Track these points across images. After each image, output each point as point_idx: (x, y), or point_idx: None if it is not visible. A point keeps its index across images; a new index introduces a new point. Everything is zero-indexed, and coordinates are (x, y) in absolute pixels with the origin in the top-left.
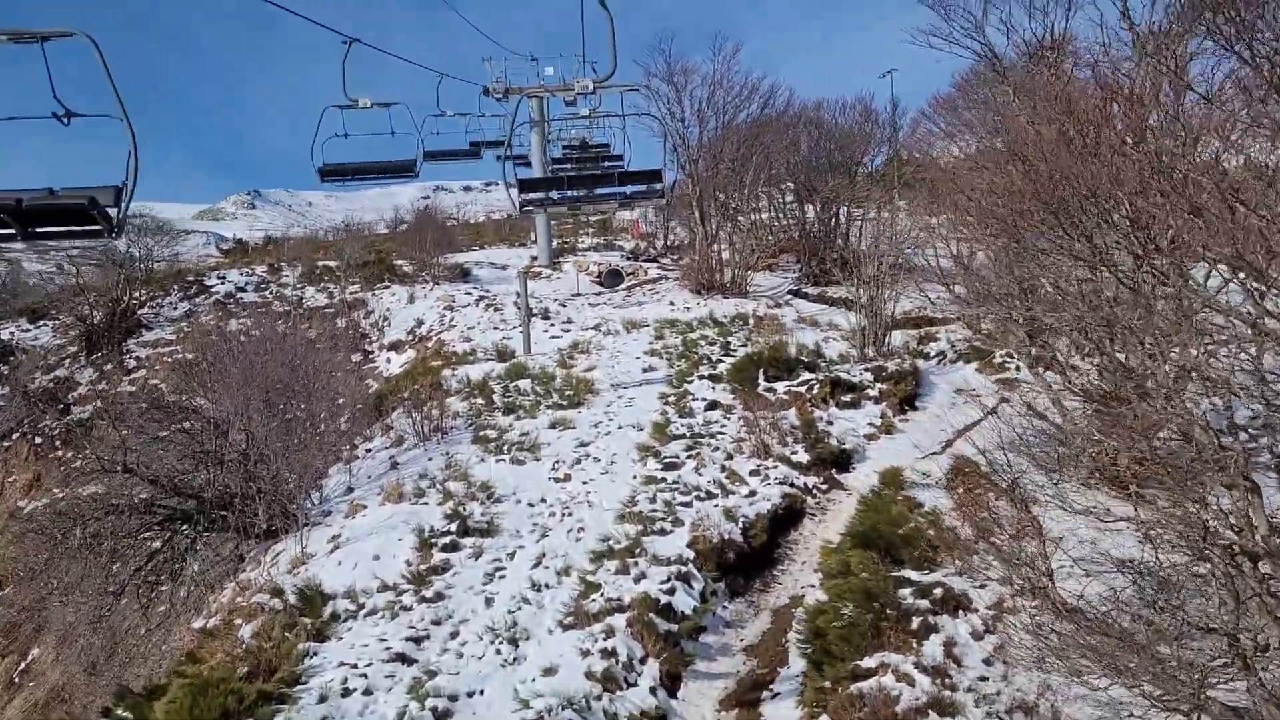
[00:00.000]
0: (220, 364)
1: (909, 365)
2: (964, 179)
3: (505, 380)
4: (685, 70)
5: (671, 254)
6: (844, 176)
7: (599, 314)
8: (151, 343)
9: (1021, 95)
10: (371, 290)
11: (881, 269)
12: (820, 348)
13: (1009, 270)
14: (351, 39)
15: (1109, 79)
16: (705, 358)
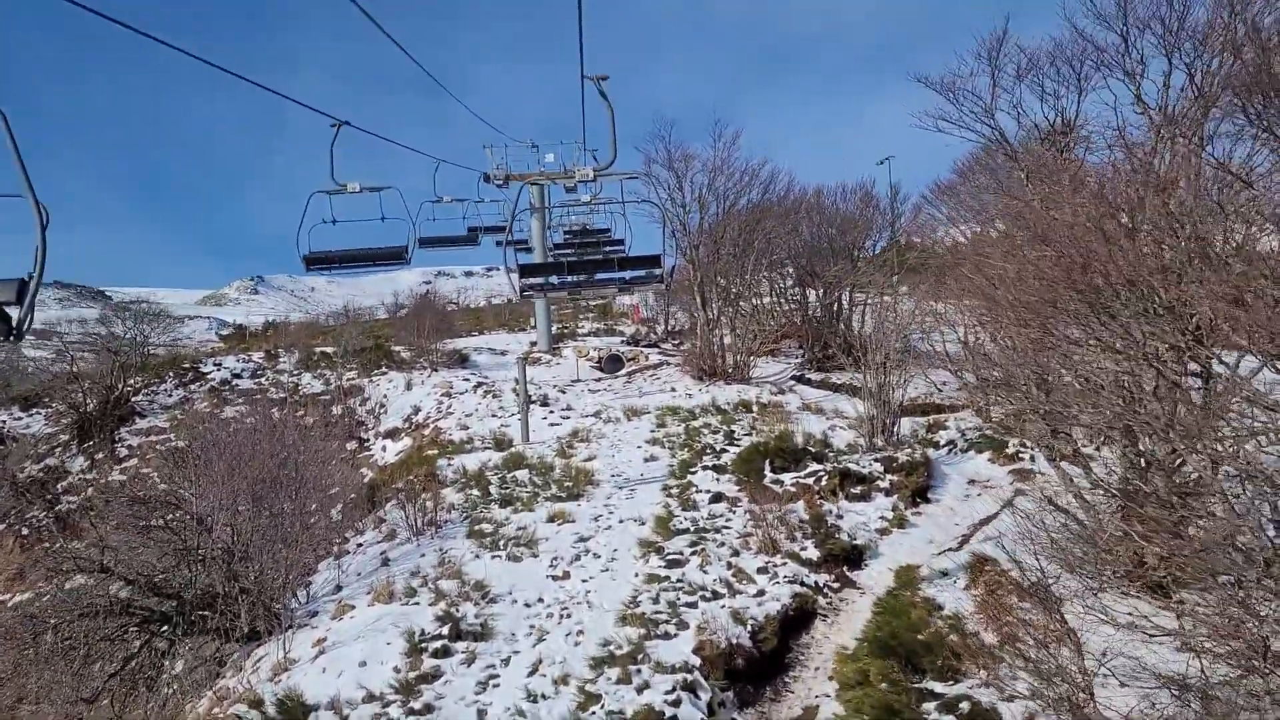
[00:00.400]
0: (205, 456)
1: (920, 455)
2: (984, 264)
3: (502, 470)
4: (686, 156)
5: (672, 339)
6: (846, 261)
7: (599, 401)
8: (144, 431)
9: (1040, 179)
10: (368, 377)
11: (889, 356)
12: (828, 437)
13: (1030, 359)
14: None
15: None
16: (709, 447)
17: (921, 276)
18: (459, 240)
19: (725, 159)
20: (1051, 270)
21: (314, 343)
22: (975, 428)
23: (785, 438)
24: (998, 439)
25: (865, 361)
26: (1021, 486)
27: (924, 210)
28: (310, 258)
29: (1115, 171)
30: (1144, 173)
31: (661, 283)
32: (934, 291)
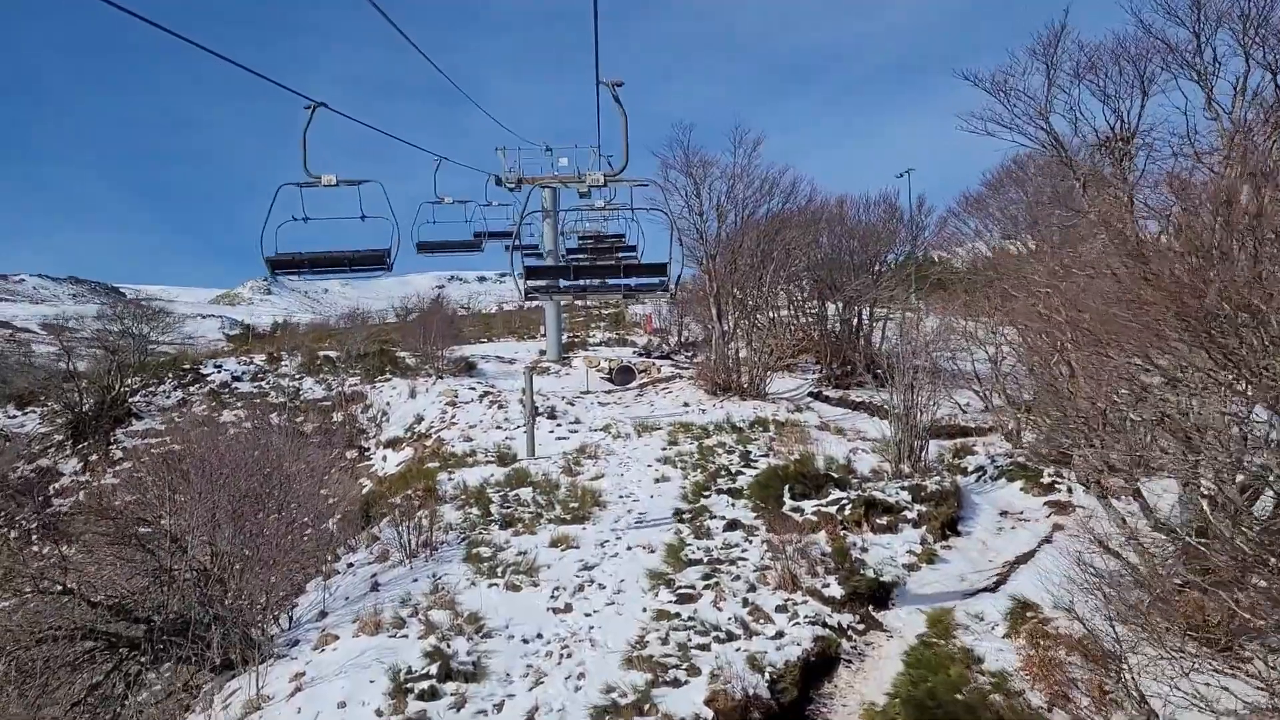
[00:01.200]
0: (183, 468)
1: (949, 484)
2: (1030, 282)
3: (505, 488)
4: (704, 163)
5: (685, 351)
6: (868, 275)
7: (609, 414)
8: (140, 433)
9: (1096, 188)
10: (372, 383)
11: (917, 375)
12: (851, 461)
13: (1103, 391)
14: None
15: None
16: (724, 469)
17: (949, 292)
18: (461, 245)
19: (745, 166)
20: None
21: (318, 346)
22: (1006, 454)
23: (806, 462)
24: (1031, 468)
25: (891, 382)
26: (1060, 521)
27: (950, 223)
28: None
29: None
30: None
31: (667, 291)
32: (966, 309)
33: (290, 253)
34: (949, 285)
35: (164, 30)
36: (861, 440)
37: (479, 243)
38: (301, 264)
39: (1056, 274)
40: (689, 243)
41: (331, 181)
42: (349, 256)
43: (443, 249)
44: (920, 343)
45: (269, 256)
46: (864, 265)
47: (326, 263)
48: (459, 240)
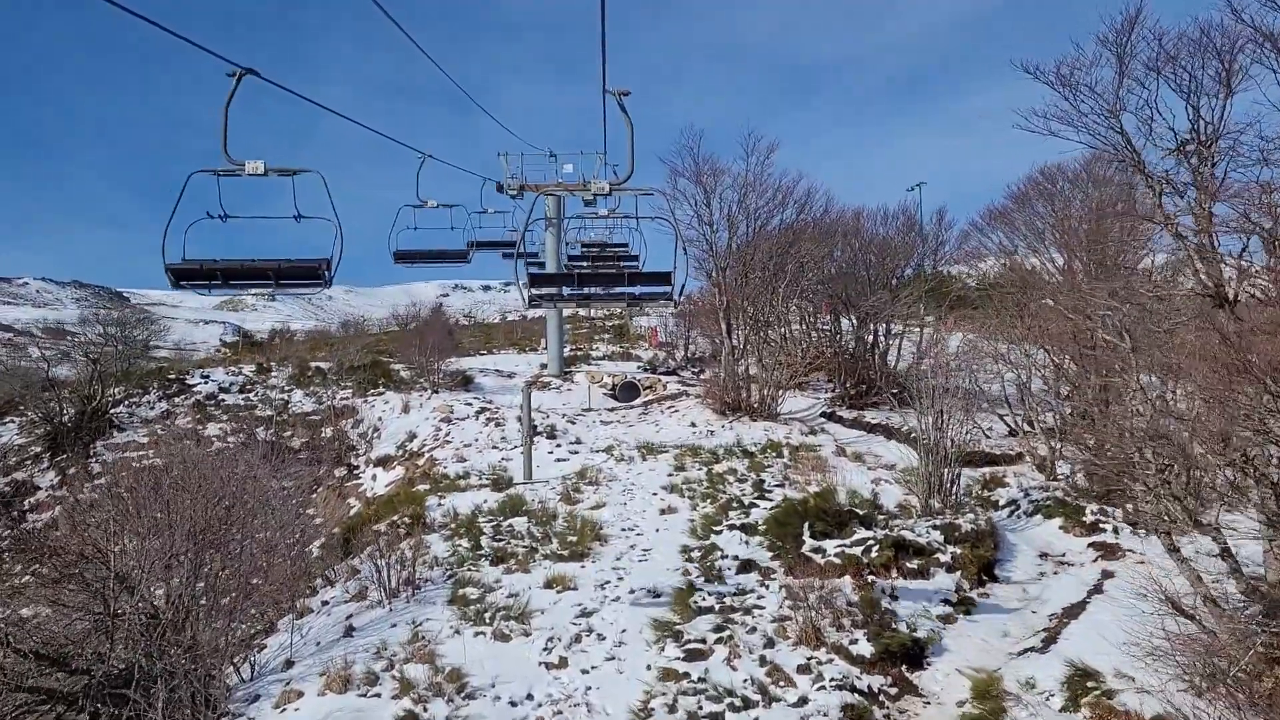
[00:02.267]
0: (135, 496)
1: (985, 523)
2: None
3: (498, 517)
4: (715, 170)
5: (692, 366)
6: (885, 291)
7: (611, 434)
8: (121, 446)
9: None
10: (364, 397)
11: (949, 399)
12: (876, 495)
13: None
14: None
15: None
16: (735, 500)
17: (972, 309)
18: (446, 256)
19: (758, 174)
20: None
21: (310, 356)
22: (1040, 486)
23: (826, 496)
24: (1070, 503)
25: (919, 407)
26: (1109, 567)
27: (973, 237)
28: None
29: None
30: None
31: (671, 300)
32: (995, 327)
33: (199, 260)
34: (971, 302)
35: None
36: (884, 469)
37: (467, 254)
38: (212, 274)
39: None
40: (698, 254)
41: (258, 170)
42: (275, 267)
43: (425, 259)
44: (945, 363)
45: (171, 264)
46: (881, 280)
47: (246, 274)
48: (444, 250)
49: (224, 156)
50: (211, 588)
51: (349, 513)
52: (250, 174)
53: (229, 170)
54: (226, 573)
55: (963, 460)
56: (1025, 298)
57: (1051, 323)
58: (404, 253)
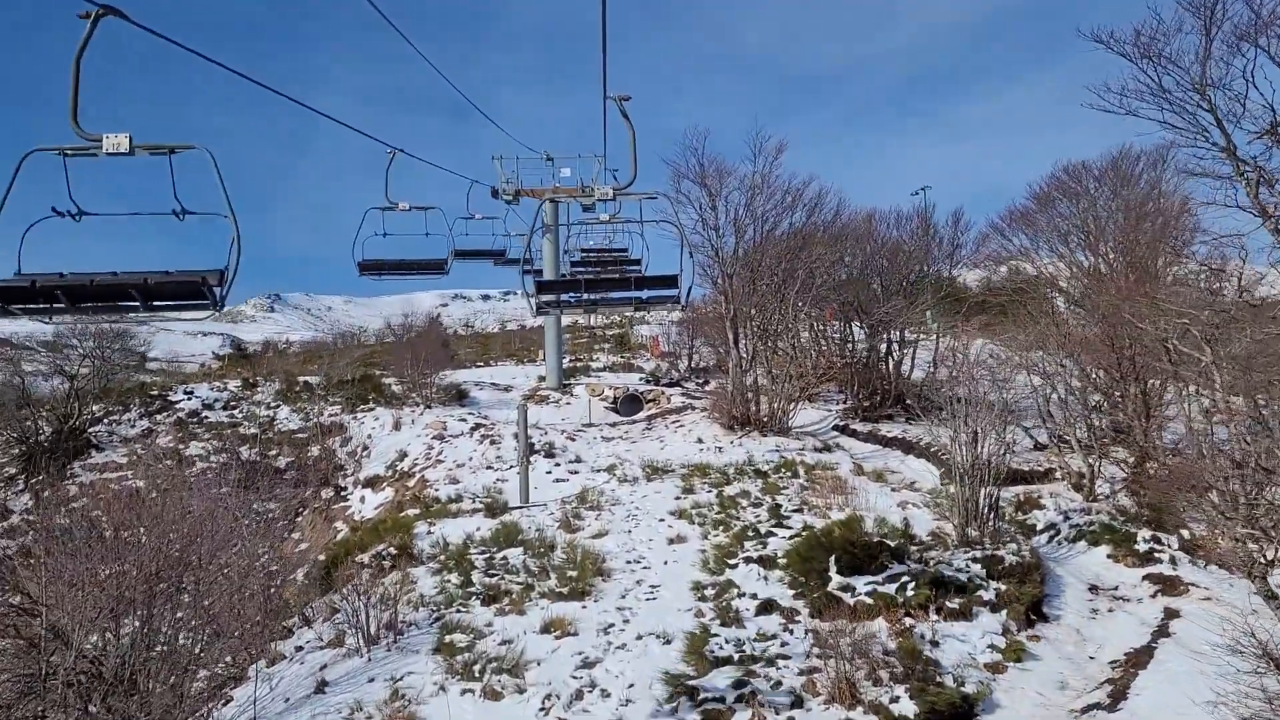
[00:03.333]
0: (75, 540)
1: (1028, 554)
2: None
3: (491, 547)
4: (721, 172)
5: (696, 377)
6: (899, 297)
7: (613, 451)
8: (99, 466)
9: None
10: (353, 413)
11: (982, 414)
12: (908, 524)
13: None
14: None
15: None
16: (751, 529)
17: (1000, 316)
18: (420, 266)
19: (766, 176)
20: None
21: (298, 370)
22: (1081, 509)
23: (852, 525)
24: (1118, 529)
25: (951, 424)
26: (1172, 604)
27: (993, 239)
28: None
29: None
30: None
31: (678, 303)
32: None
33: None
34: (990, 307)
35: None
36: (910, 491)
37: (444, 264)
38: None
39: None
40: (703, 260)
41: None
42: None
43: (395, 270)
44: (973, 374)
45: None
46: (894, 286)
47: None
48: (417, 260)
49: (74, 127)
50: (168, 638)
51: (335, 537)
52: (111, 152)
53: (81, 148)
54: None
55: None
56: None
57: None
58: (370, 263)
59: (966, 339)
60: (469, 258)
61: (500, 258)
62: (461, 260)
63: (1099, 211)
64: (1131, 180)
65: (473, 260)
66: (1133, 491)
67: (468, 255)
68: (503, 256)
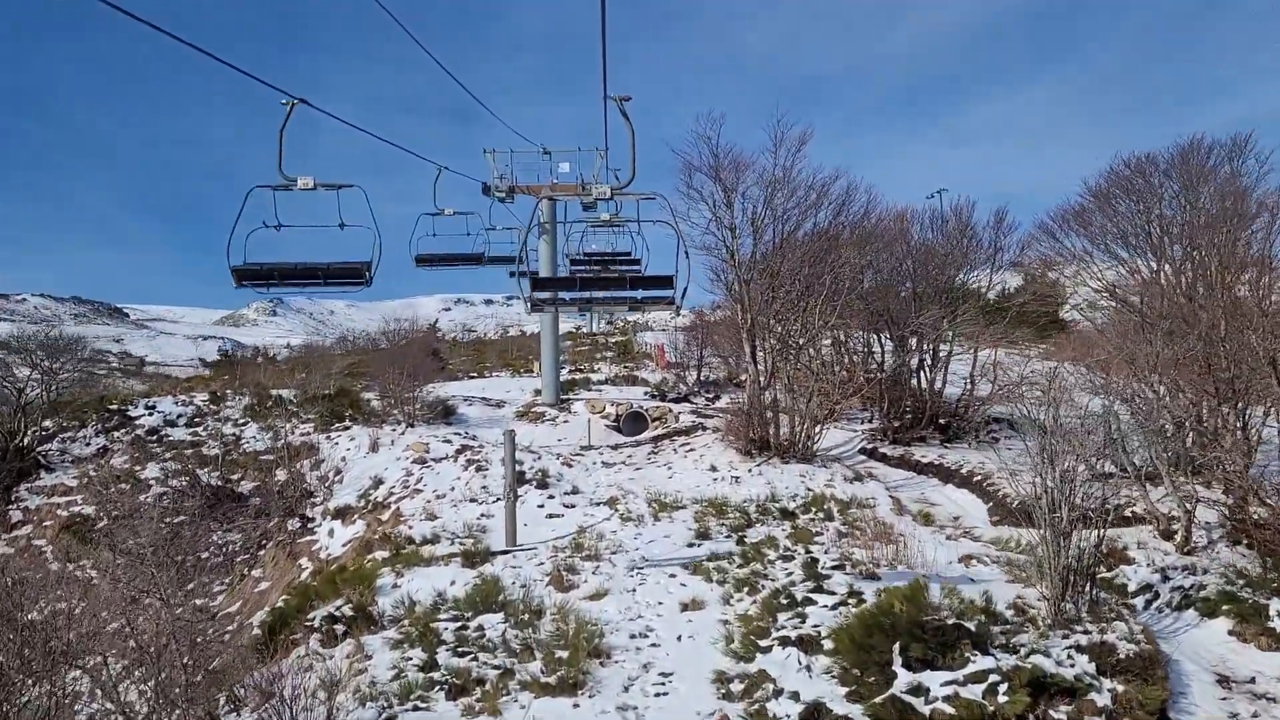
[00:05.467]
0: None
1: (1143, 639)
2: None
3: (466, 611)
4: (737, 165)
5: (706, 392)
6: (936, 306)
7: (615, 480)
8: (48, 489)
9: None
10: (327, 431)
11: (1070, 445)
12: (990, 598)
13: None
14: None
15: None
16: (784, 593)
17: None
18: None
19: (788, 170)
20: None
21: (272, 383)
22: (1184, 567)
23: (916, 596)
24: (1239, 595)
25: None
26: None
27: (1043, 242)
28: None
29: None
30: None
31: (672, 303)
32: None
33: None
34: (1036, 318)
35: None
36: (969, 540)
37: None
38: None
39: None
40: (716, 264)
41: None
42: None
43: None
44: (1056, 397)
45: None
46: (930, 294)
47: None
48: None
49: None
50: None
51: (299, 576)
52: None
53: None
54: None
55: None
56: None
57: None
58: (424, 256)
59: (994, 349)
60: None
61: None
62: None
63: (1165, 210)
64: (1204, 174)
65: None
66: (1234, 540)
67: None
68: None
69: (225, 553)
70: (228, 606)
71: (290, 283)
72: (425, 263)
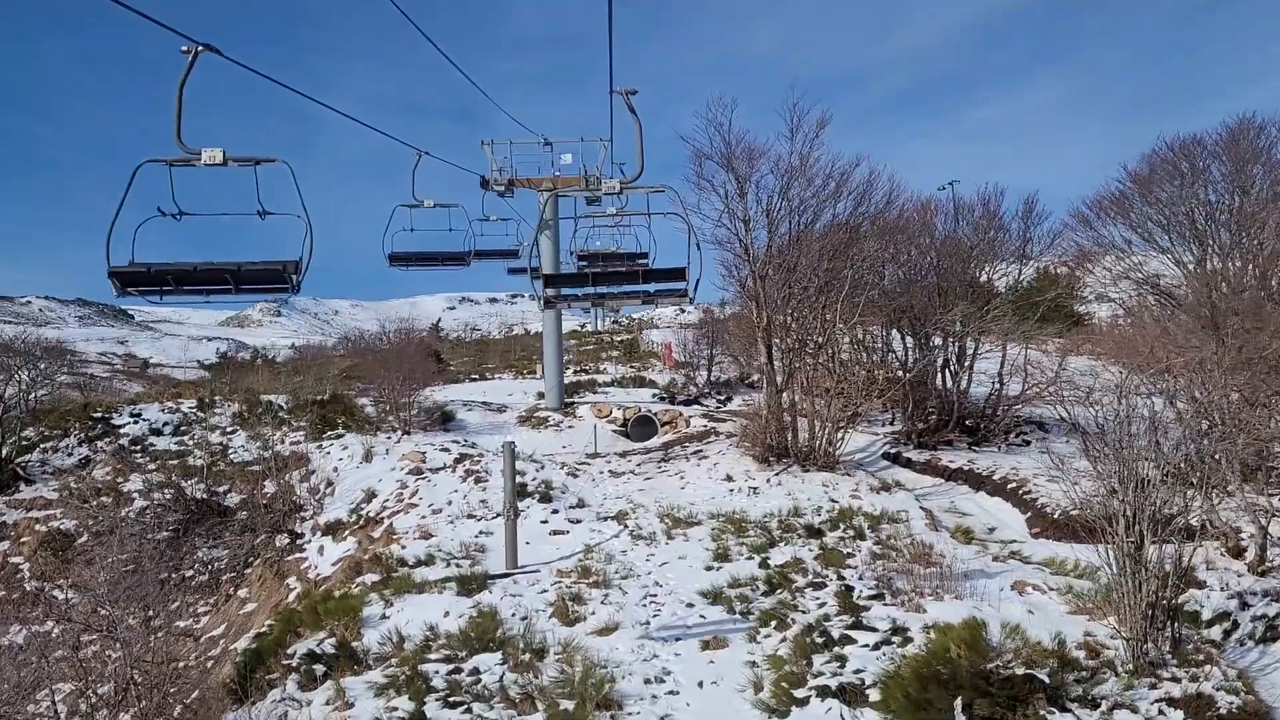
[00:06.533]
0: None
1: (1242, 689)
2: None
3: (459, 650)
4: (751, 153)
5: (717, 393)
6: (965, 302)
7: (624, 491)
8: (26, 503)
9: None
10: (319, 441)
11: (1145, 453)
12: (1064, 644)
13: None
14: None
15: None
16: (819, 629)
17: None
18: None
19: (805, 157)
20: None
21: (263, 388)
22: (1264, 592)
23: (974, 639)
24: None
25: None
26: None
27: (1078, 231)
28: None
29: None
30: None
31: (684, 296)
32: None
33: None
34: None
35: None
36: (1017, 560)
37: (466, 256)
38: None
39: None
40: (729, 258)
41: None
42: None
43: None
44: (1129, 400)
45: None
46: (957, 290)
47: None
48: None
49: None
50: None
51: (287, 597)
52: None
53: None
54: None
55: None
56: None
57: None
58: (399, 255)
59: (1024, 347)
60: (488, 258)
61: (514, 256)
62: (481, 260)
63: (1211, 196)
64: (1258, 154)
65: (489, 260)
66: None
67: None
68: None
69: (210, 570)
70: (212, 629)
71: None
72: (401, 262)
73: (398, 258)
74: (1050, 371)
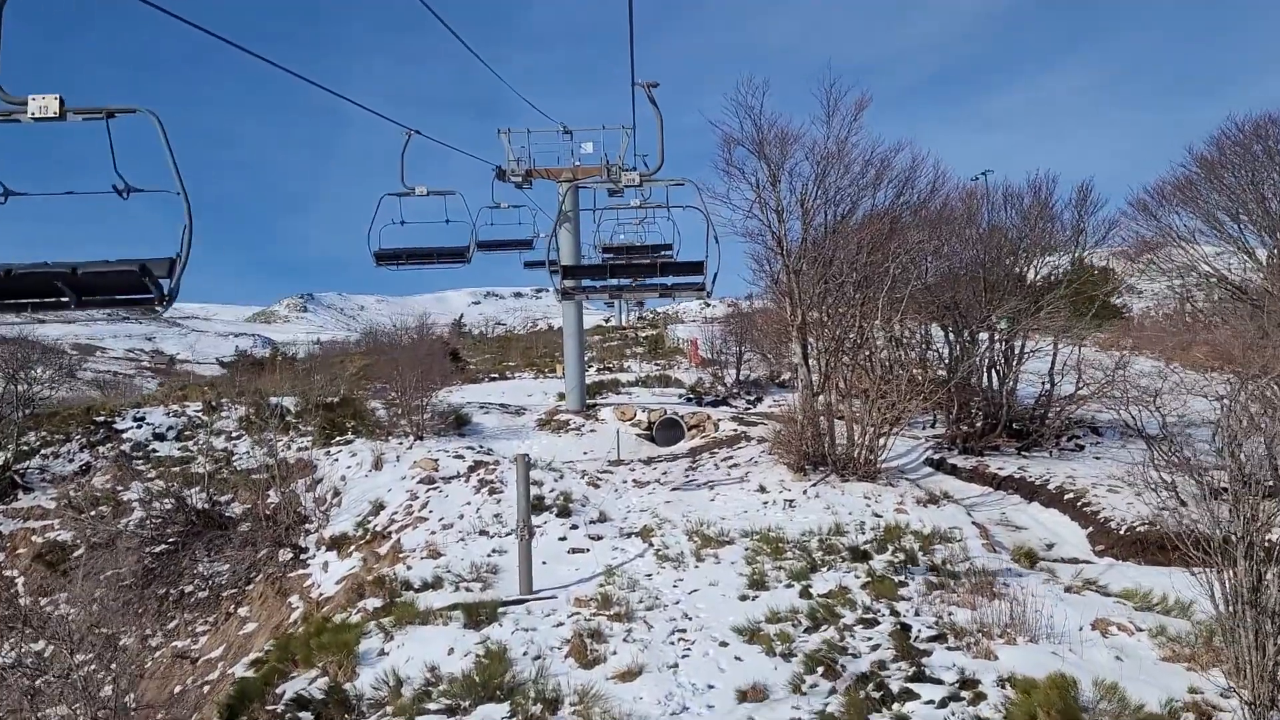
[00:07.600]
0: None
1: None
2: None
3: (463, 700)
4: (784, 137)
5: (746, 393)
6: (1015, 297)
7: (648, 503)
8: (23, 512)
9: None
10: (327, 446)
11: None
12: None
13: None
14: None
15: None
16: (875, 683)
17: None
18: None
19: (842, 143)
20: None
21: (272, 389)
22: None
23: (1066, 703)
24: None
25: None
26: None
27: (1138, 221)
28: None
29: None
30: None
31: (702, 289)
32: None
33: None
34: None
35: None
36: (1094, 591)
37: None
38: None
39: None
40: (761, 251)
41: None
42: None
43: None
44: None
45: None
46: (1006, 283)
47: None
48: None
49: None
50: None
51: (289, 616)
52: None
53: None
54: None
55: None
56: None
57: None
58: (386, 252)
59: (1078, 345)
60: (493, 248)
61: (528, 246)
62: (486, 251)
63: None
64: None
65: (498, 251)
66: None
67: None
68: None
69: (211, 585)
70: (210, 650)
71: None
72: (388, 260)
73: (385, 255)
74: (1105, 371)
